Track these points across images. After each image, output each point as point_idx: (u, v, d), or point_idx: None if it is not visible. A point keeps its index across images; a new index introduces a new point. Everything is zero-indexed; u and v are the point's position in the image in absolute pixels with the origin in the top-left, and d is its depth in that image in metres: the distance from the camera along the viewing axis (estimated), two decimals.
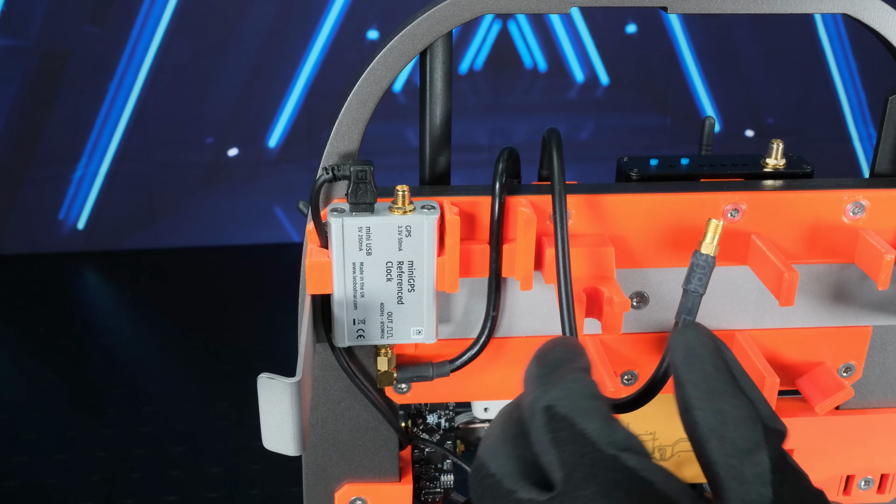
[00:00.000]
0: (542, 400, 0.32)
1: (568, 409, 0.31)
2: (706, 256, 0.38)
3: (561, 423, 0.31)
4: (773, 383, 0.47)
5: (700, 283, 0.38)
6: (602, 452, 0.30)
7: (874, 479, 0.55)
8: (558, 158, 0.45)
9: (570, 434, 0.31)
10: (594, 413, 0.31)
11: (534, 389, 0.33)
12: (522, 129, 2.71)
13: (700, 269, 0.38)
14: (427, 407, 0.55)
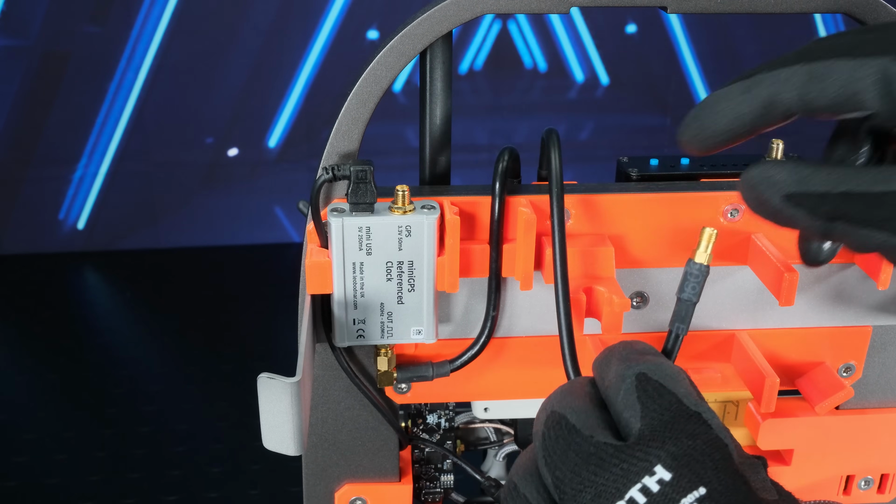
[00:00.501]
0: (634, 369, 0.34)
1: (659, 376, 0.34)
2: (700, 265, 0.38)
3: (650, 384, 0.33)
4: (773, 383, 0.47)
5: (693, 292, 0.39)
6: (687, 408, 0.32)
7: (874, 479, 0.55)
8: (557, 160, 0.45)
9: (658, 393, 0.33)
10: (682, 381, 0.34)
11: (622, 362, 0.35)
12: (522, 129, 2.71)
13: (693, 278, 0.38)
14: (427, 407, 0.55)
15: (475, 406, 0.54)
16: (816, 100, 0.36)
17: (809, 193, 0.35)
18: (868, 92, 0.35)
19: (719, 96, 0.38)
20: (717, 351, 0.51)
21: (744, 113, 0.37)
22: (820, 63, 0.35)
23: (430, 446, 0.55)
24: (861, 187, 0.34)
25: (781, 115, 0.37)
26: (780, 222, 0.37)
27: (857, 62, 0.35)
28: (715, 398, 0.54)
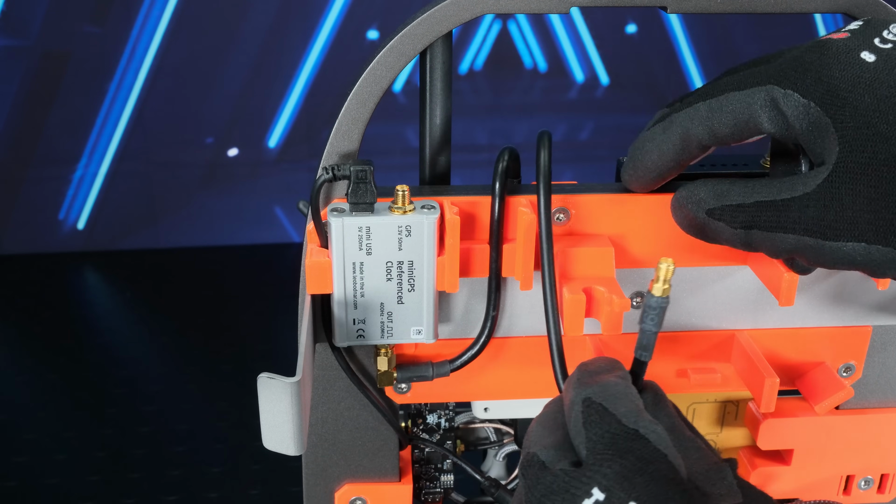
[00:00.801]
0: (581, 394, 0.38)
1: (602, 398, 0.37)
2: (658, 298, 0.39)
3: (593, 408, 0.37)
4: (773, 383, 0.47)
5: (654, 323, 0.39)
6: (625, 427, 0.35)
7: (874, 479, 0.55)
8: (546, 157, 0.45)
9: (600, 416, 0.36)
10: (623, 400, 0.37)
11: (574, 388, 0.38)
12: (522, 129, 2.71)
13: (653, 311, 0.39)
14: (427, 407, 0.55)
15: (475, 406, 0.54)
16: (720, 130, 0.40)
17: (727, 206, 0.40)
18: (760, 117, 0.39)
19: (645, 138, 0.43)
20: (717, 351, 0.51)
21: (667, 150, 0.42)
22: (716, 98, 0.40)
23: (430, 446, 0.55)
24: (769, 196, 0.39)
25: (697, 147, 0.42)
26: (708, 237, 0.42)
27: (746, 93, 0.40)
28: (715, 398, 0.54)
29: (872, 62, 0.37)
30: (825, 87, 0.37)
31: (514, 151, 0.47)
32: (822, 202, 0.37)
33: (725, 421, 0.55)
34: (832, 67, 0.37)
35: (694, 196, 0.41)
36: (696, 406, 0.55)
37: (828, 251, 0.38)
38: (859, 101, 0.37)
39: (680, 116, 0.42)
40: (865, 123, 0.36)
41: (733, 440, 0.56)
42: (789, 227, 0.38)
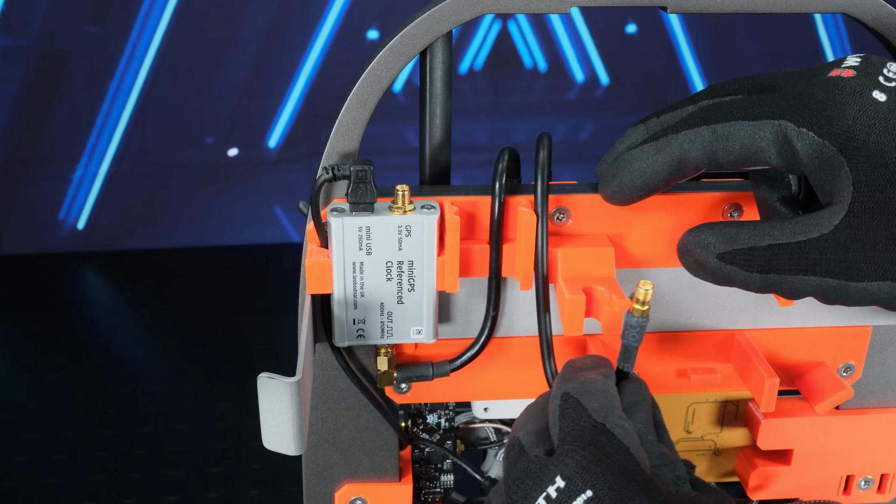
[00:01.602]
0: (561, 389, 0.41)
1: (578, 393, 0.40)
2: (638, 319, 0.42)
3: (570, 403, 0.40)
4: (772, 383, 0.47)
5: (634, 339, 0.42)
6: (594, 421, 0.38)
7: (874, 478, 0.55)
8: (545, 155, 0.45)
9: (573, 410, 0.39)
10: (598, 396, 0.40)
11: (557, 383, 0.41)
12: (522, 129, 2.71)
13: (633, 329, 0.42)
14: (427, 407, 0.55)
15: (475, 406, 0.54)
16: (723, 157, 0.40)
17: (739, 250, 0.40)
18: (768, 150, 0.39)
19: (634, 156, 0.42)
20: (717, 351, 0.51)
21: (660, 171, 0.42)
22: (722, 125, 0.40)
23: (430, 446, 0.55)
24: (784, 239, 0.39)
25: (693, 169, 0.41)
26: (720, 281, 0.41)
27: (756, 124, 0.39)
28: (715, 398, 0.54)
29: (884, 102, 0.38)
30: (840, 127, 0.37)
31: (514, 151, 0.47)
32: (841, 243, 0.37)
33: (725, 421, 0.55)
34: (846, 107, 0.38)
35: (702, 241, 0.41)
36: (696, 406, 0.55)
37: (853, 291, 0.38)
38: (875, 141, 0.37)
39: (679, 139, 0.41)
40: (882, 164, 0.37)
41: (733, 440, 0.56)
42: (809, 270, 0.38)
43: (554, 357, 0.48)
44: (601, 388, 0.40)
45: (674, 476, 0.38)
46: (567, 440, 0.38)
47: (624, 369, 0.43)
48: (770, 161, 0.39)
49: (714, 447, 0.56)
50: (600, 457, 0.37)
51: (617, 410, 0.39)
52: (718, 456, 0.56)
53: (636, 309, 0.42)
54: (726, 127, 0.40)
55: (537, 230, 0.45)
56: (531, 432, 0.40)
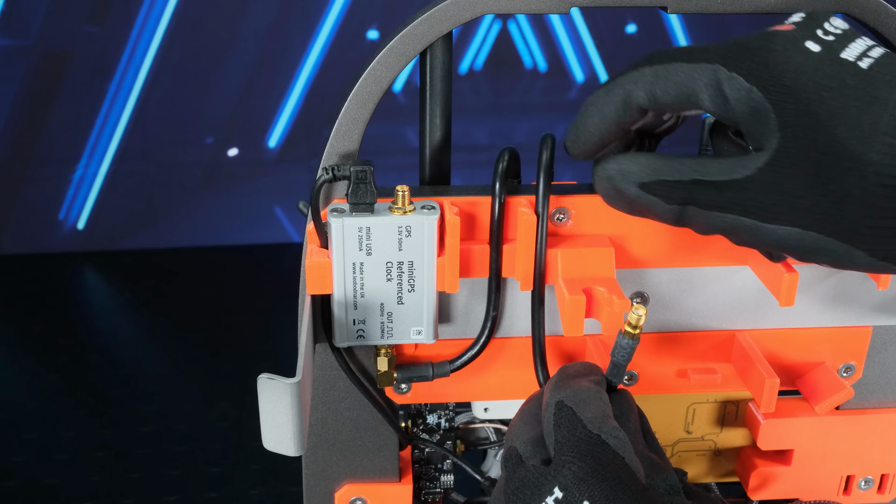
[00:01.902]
0: (556, 397, 0.41)
1: (573, 402, 0.41)
2: (629, 341, 0.43)
3: (564, 412, 0.40)
4: (773, 384, 0.47)
5: (623, 358, 0.43)
6: (589, 432, 0.39)
7: (874, 479, 0.55)
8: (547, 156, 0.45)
9: (568, 420, 0.40)
10: (592, 406, 0.41)
11: (550, 391, 0.42)
12: (522, 129, 2.71)
13: (623, 349, 0.43)
14: (427, 407, 0.55)
15: (475, 406, 0.54)
16: (661, 97, 0.40)
17: (662, 181, 0.40)
18: (701, 94, 0.39)
19: (589, 101, 0.43)
20: (717, 351, 0.51)
21: (608, 113, 0.42)
22: (663, 66, 0.41)
23: (430, 446, 0.55)
24: (708, 176, 0.39)
25: (637, 111, 0.42)
26: (637, 211, 0.42)
27: (692, 66, 0.40)
28: (715, 398, 0.54)
29: (817, 52, 0.38)
30: (769, 74, 0.38)
31: (514, 151, 0.47)
32: (762, 185, 0.38)
33: (725, 421, 0.55)
34: (777, 54, 0.38)
35: (625, 169, 0.41)
36: (697, 406, 0.54)
37: (763, 233, 0.38)
38: (802, 89, 0.37)
39: (624, 78, 0.42)
40: (807, 111, 0.37)
41: (733, 440, 0.56)
42: (727, 208, 0.39)
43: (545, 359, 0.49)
44: (595, 396, 0.41)
45: (667, 486, 0.39)
46: (563, 451, 0.39)
47: (612, 384, 0.44)
48: (703, 105, 0.40)
49: (714, 447, 0.56)
50: (596, 467, 0.38)
51: (611, 420, 0.40)
52: (718, 456, 0.56)
53: (627, 332, 0.43)
54: (666, 68, 0.40)
55: (537, 231, 0.45)
56: (527, 441, 0.41)
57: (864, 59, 0.37)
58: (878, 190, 0.35)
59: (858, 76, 0.36)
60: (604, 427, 0.39)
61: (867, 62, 0.37)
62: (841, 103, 0.36)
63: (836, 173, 0.36)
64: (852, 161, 0.35)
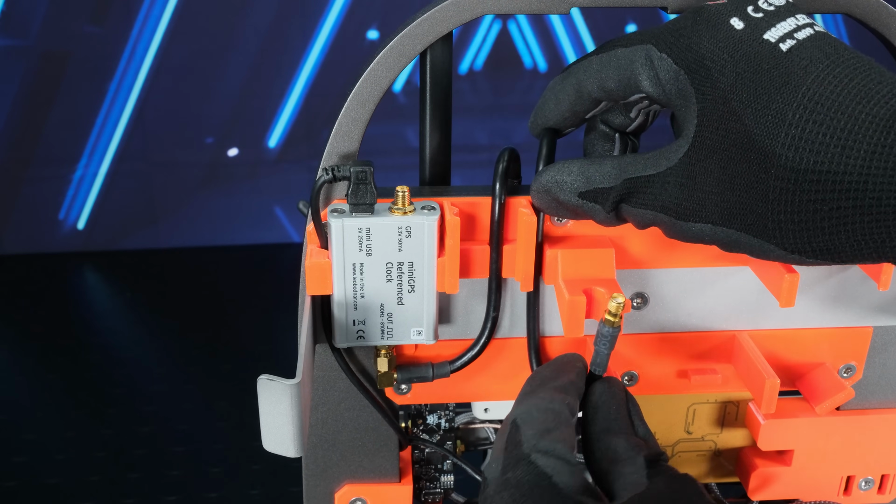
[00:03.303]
0: (511, 416, 0.40)
1: (522, 420, 0.39)
2: (610, 329, 0.42)
3: (513, 432, 0.39)
4: (773, 384, 0.47)
5: (605, 347, 0.43)
6: (522, 454, 0.37)
7: (874, 479, 0.55)
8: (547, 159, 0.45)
9: (513, 442, 0.38)
10: (535, 422, 0.39)
11: (514, 405, 0.41)
12: (522, 129, 2.70)
13: (605, 338, 0.43)
14: (427, 407, 0.55)
15: (475, 406, 0.54)
16: (607, 84, 0.40)
17: (599, 189, 0.40)
18: (640, 76, 0.39)
19: (549, 87, 0.44)
20: (717, 352, 0.51)
21: (563, 99, 0.43)
22: (606, 53, 0.41)
23: (430, 447, 0.55)
24: (636, 172, 0.39)
25: (588, 99, 0.42)
26: (581, 217, 0.42)
27: (629, 50, 0.40)
28: (715, 398, 0.54)
29: (739, 30, 0.36)
30: (694, 55, 0.36)
31: (515, 152, 0.47)
32: (679, 180, 0.37)
33: (726, 421, 0.55)
34: (702, 35, 0.37)
35: (560, 181, 0.42)
36: (697, 406, 0.54)
37: (678, 229, 0.39)
38: (720, 74, 0.36)
39: (575, 67, 0.42)
40: (722, 98, 0.35)
41: (734, 441, 0.56)
42: (650, 205, 0.39)
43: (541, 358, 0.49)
44: (543, 409, 0.39)
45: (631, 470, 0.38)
46: (499, 475, 0.38)
47: (596, 373, 0.44)
48: (644, 87, 0.39)
49: (714, 448, 0.56)
50: (523, 492, 0.36)
51: (550, 435, 0.38)
52: (719, 456, 0.56)
53: (607, 320, 0.42)
54: (609, 55, 0.40)
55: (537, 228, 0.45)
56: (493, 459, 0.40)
57: (787, 40, 0.35)
58: (782, 184, 0.34)
59: (775, 59, 0.35)
60: (538, 444, 0.37)
61: (789, 44, 0.35)
62: (753, 90, 0.35)
63: (744, 167, 0.35)
64: (758, 153, 0.34)
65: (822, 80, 0.34)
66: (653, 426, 0.55)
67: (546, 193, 0.42)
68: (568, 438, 0.38)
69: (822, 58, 0.34)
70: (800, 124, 0.33)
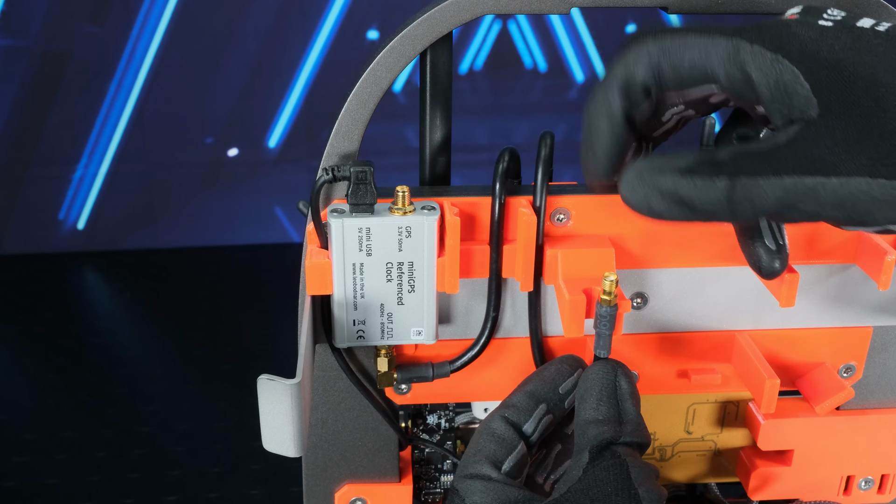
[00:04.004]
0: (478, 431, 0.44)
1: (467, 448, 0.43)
2: (607, 308, 0.43)
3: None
4: (773, 384, 0.47)
5: (606, 328, 0.43)
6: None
7: (874, 479, 0.55)
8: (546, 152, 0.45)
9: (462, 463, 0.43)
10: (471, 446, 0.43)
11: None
12: (522, 129, 2.71)
13: (604, 318, 0.43)
14: (427, 407, 0.55)
15: (475, 406, 0.54)
16: (668, 74, 0.37)
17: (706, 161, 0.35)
18: (718, 69, 0.37)
19: (590, 112, 0.40)
20: (717, 351, 0.51)
21: (613, 108, 0.38)
22: (671, 38, 0.37)
23: (431, 447, 0.55)
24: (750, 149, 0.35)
25: (641, 93, 0.38)
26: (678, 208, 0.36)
27: (709, 39, 0.37)
28: (715, 398, 0.54)
29: (831, 27, 0.36)
30: (793, 44, 0.36)
31: (515, 152, 0.47)
32: (812, 142, 0.35)
33: (726, 421, 0.55)
34: (793, 27, 0.36)
35: (655, 164, 0.36)
36: (697, 406, 0.54)
37: (828, 191, 0.34)
38: (829, 50, 0.35)
39: (621, 61, 0.38)
40: (837, 69, 0.35)
41: (734, 440, 0.56)
42: (783, 170, 0.34)
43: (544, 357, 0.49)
44: (482, 433, 0.42)
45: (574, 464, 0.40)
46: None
47: (600, 356, 0.44)
48: (719, 81, 0.37)
49: (714, 448, 0.56)
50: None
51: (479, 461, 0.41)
52: (719, 456, 0.56)
53: (603, 299, 0.43)
54: (676, 40, 0.37)
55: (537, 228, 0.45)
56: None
57: (878, 26, 0.36)
58: None
59: (880, 37, 0.35)
60: (464, 471, 0.41)
61: (884, 27, 0.36)
62: (873, 57, 0.35)
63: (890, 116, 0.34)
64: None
65: None
66: (653, 426, 0.55)
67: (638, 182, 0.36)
68: (499, 456, 0.41)
69: None
70: None
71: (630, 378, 0.43)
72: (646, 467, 0.40)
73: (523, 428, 0.43)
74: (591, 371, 0.43)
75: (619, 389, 0.43)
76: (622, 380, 0.43)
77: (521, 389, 0.44)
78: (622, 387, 0.43)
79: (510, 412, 0.43)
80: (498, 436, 0.42)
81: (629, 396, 0.42)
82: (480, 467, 0.41)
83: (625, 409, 0.42)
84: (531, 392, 0.44)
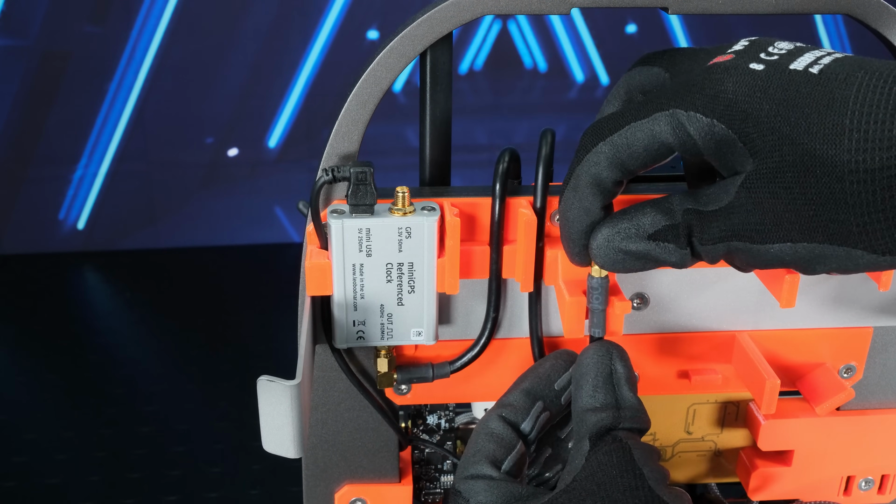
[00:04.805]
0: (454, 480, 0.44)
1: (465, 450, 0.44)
2: (598, 279, 0.43)
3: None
4: (773, 385, 0.47)
5: (599, 302, 0.44)
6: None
7: (874, 479, 0.55)
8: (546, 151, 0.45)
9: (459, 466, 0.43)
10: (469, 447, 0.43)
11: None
12: (522, 129, 2.71)
13: (595, 291, 0.43)
14: (427, 408, 0.55)
15: (475, 407, 0.54)
16: (631, 163, 0.40)
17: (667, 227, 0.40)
18: (669, 141, 0.39)
19: (563, 209, 0.42)
20: (717, 352, 0.51)
21: (588, 206, 0.41)
22: (617, 134, 0.40)
23: (430, 447, 0.55)
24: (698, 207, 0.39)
25: (612, 188, 0.41)
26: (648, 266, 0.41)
27: (649, 120, 0.39)
28: (716, 399, 0.54)
29: (761, 70, 0.37)
30: (723, 103, 0.37)
31: (515, 152, 0.47)
32: (747, 207, 0.37)
33: (726, 422, 0.55)
34: (724, 83, 0.38)
35: (622, 228, 0.40)
36: (697, 407, 0.54)
37: (756, 255, 0.38)
38: (758, 109, 0.36)
39: (584, 167, 0.41)
40: (769, 129, 0.36)
41: (734, 441, 0.56)
42: (720, 236, 0.38)
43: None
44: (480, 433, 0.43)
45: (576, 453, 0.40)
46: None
47: (594, 335, 0.44)
48: (674, 149, 0.39)
49: (714, 448, 0.56)
50: None
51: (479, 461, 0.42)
52: (719, 456, 0.56)
53: (594, 270, 0.43)
54: (622, 134, 0.40)
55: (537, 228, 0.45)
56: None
57: (814, 66, 0.36)
58: (857, 187, 0.34)
59: (812, 82, 0.36)
60: (464, 471, 0.42)
61: (817, 68, 0.36)
62: (799, 112, 0.35)
63: (812, 182, 0.35)
64: (824, 166, 0.35)
65: (867, 86, 0.34)
66: (653, 426, 0.55)
67: (607, 248, 0.41)
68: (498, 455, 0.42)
69: (857, 69, 0.35)
70: (860, 128, 0.34)
71: (626, 360, 0.43)
72: (648, 448, 0.40)
73: (521, 427, 0.43)
74: (585, 355, 0.43)
75: (615, 374, 0.42)
76: (618, 363, 0.43)
77: (517, 387, 0.44)
78: (618, 371, 0.42)
79: (507, 411, 0.43)
80: (496, 436, 0.42)
81: (625, 381, 0.42)
82: (481, 468, 0.41)
83: (622, 395, 0.42)
84: (527, 390, 0.44)
